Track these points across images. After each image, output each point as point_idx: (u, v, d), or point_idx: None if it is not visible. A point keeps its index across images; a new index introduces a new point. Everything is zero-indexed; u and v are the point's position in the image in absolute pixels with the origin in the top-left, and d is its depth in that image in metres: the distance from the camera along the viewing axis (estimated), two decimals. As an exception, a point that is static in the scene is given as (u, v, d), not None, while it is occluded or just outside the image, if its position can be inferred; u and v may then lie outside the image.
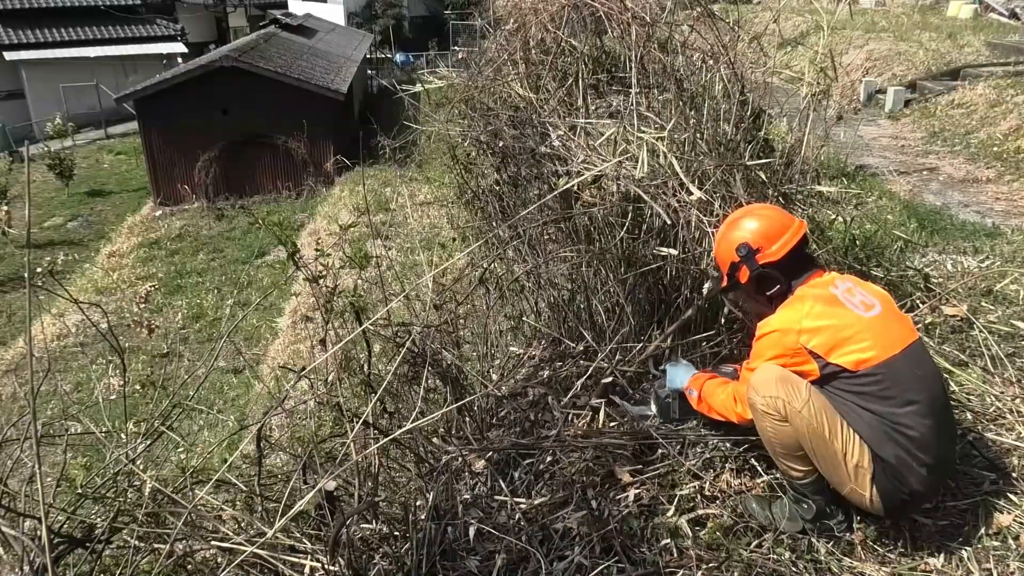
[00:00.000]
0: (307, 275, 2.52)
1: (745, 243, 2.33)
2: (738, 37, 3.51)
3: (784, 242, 2.30)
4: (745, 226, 2.37)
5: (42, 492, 1.60)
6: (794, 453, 2.21)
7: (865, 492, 2.15)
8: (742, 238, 2.34)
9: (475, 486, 2.57)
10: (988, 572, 2.19)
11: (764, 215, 2.40)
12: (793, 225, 2.35)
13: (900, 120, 10.57)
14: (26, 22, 23.83)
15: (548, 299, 3.36)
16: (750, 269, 2.33)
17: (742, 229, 2.37)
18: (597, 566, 2.16)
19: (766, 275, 2.32)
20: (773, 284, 2.33)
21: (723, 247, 2.41)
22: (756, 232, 2.34)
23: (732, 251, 2.36)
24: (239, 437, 3.33)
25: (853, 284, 2.32)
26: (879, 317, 2.21)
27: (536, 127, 3.47)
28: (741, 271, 2.36)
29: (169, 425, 2.40)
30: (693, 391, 2.59)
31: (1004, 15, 15.49)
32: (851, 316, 2.19)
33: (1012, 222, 6.01)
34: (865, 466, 2.12)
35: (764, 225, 2.35)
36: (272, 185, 16.64)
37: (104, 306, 3.97)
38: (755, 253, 2.32)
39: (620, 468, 2.63)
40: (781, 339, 2.21)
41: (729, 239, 2.38)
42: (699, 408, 2.60)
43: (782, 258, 2.30)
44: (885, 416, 2.11)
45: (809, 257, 2.40)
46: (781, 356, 2.21)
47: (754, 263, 2.32)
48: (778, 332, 2.22)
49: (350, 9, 31.22)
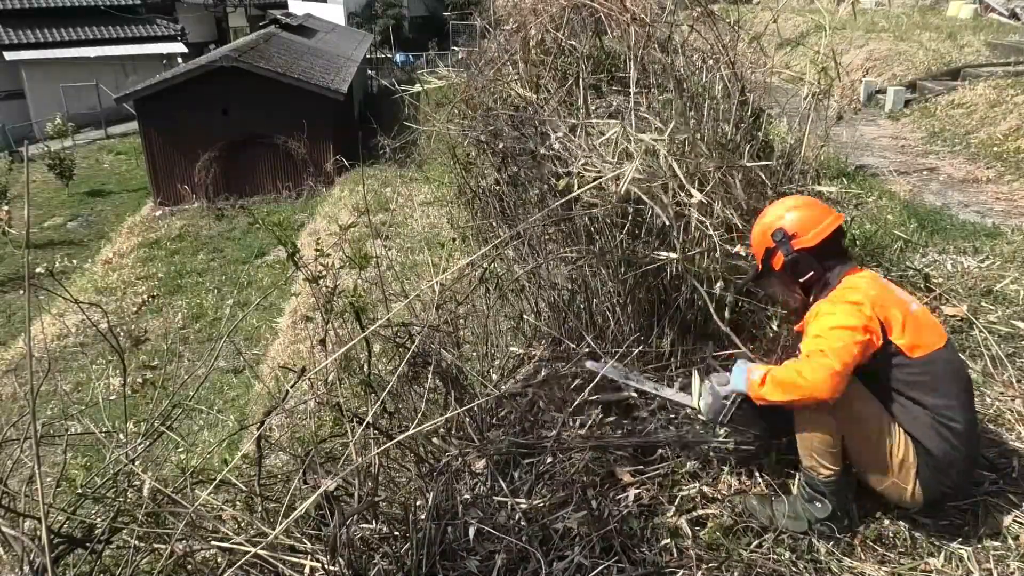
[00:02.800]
0: (307, 275, 2.52)
1: (781, 228, 2.36)
2: (738, 37, 3.51)
3: (820, 230, 2.33)
4: (782, 213, 2.40)
5: (42, 492, 1.60)
6: (829, 449, 2.22)
7: (908, 486, 2.20)
8: (778, 224, 2.38)
9: (475, 486, 2.57)
10: (988, 572, 2.19)
11: (802, 203, 2.45)
12: (831, 215, 2.38)
13: (900, 120, 10.57)
14: (26, 22, 23.81)
15: (548, 299, 3.36)
16: (785, 254, 2.36)
17: (779, 216, 2.40)
18: (597, 566, 2.16)
19: (801, 260, 2.34)
20: (807, 270, 2.35)
21: (759, 233, 2.45)
22: (793, 219, 2.37)
23: (768, 237, 2.39)
24: (239, 437, 3.33)
25: (889, 281, 2.38)
26: (922, 311, 2.28)
27: (536, 128, 3.46)
28: (776, 257, 2.39)
29: (169, 425, 2.40)
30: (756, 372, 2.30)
31: (1004, 15, 15.49)
32: (903, 304, 2.24)
33: (1012, 222, 6.00)
34: (911, 460, 2.18)
35: (801, 213, 2.38)
36: (272, 185, 16.63)
37: (104, 306, 3.97)
38: (791, 239, 2.34)
39: (620, 468, 2.63)
40: (858, 310, 2.16)
41: (766, 225, 2.42)
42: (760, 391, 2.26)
43: (817, 245, 2.32)
44: (932, 408, 2.16)
45: (845, 250, 2.43)
46: (854, 329, 2.12)
47: (789, 248, 2.35)
48: (849, 305, 2.18)
49: (350, 9, 31.22)
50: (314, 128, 15.81)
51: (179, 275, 12.50)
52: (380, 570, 2.08)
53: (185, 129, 15.94)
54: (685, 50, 3.65)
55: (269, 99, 15.86)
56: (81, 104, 22.89)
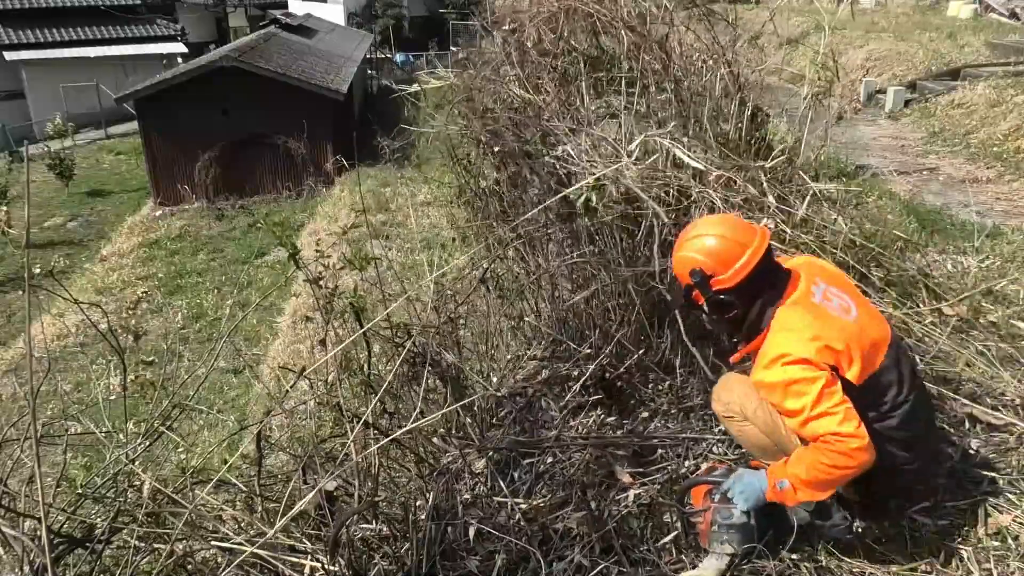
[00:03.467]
0: (307, 276, 2.52)
1: (698, 268, 2.13)
2: (737, 37, 3.51)
3: (739, 268, 2.10)
4: (699, 246, 2.16)
5: (42, 492, 1.60)
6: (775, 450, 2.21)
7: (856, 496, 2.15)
8: (694, 261, 2.14)
9: (475, 486, 2.57)
10: (988, 572, 2.19)
11: (719, 234, 2.16)
12: (752, 244, 2.12)
13: (900, 120, 10.57)
14: (26, 22, 23.80)
15: (548, 299, 3.36)
16: (704, 294, 2.17)
17: (695, 249, 2.16)
18: (597, 566, 2.16)
19: (723, 300, 2.15)
20: (730, 309, 2.16)
21: (678, 267, 2.23)
22: (710, 254, 2.13)
23: (686, 274, 2.17)
24: (239, 437, 3.33)
25: (825, 283, 2.17)
26: (859, 319, 2.11)
27: (535, 130, 3.46)
28: (696, 295, 2.20)
29: (169, 425, 2.39)
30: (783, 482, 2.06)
31: (1004, 15, 15.49)
32: (839, 324, 2.07)
33: (1012, 222, 6.01)
34: None
35: (718, 247, 2.13)
36: (272, 185, 16.62)
37: (104, 306, 3.96)
38: (709, 279, 2.13)
39: (620, 468, 2.63)
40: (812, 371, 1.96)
41: (683, 260, 2.19)
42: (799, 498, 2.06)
43: (739, 283, 2.11)
44: (877, 424, 2.02)
45: (774, 271, 2.18)
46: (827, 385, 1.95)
47: (708, 289, 2.14)
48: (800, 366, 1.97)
49: (350, 9, 31.21)
50: (314, 128, 15.81)
51: (179, 275, 12.49)
52: (380, 570, 2.08)
53: (185, 129, 15.92)
54: (683, 50, 3.65)
55: (269, 99, 15.85)
56: (81, 104, 22.87)
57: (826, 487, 2.01)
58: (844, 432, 1.90)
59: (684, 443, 2.80)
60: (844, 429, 1.91)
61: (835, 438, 1.91)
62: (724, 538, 2.16)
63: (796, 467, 2.03)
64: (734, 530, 2.16)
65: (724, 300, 2.14)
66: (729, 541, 2.16)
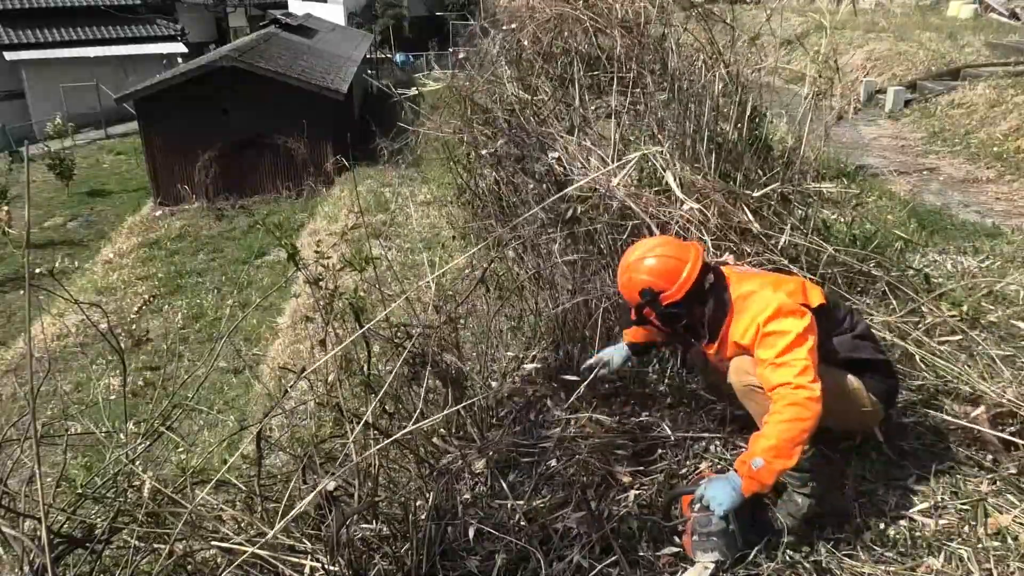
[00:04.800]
0: (307, 277, 2.52)
1: (647, 288, 2.37)
2: (735, 37, 3.51)
3: (683, 280, 2.35)
4: (644, 268, 2.40)
5: (42, 492, 1.60)
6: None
7: (869, 405, 2.39)
8: (642, 283, 2.38)
9: (475, 486, 2.57)
10: (988, 572, 2.19)
11: (659, 254, 2.41)
12: (689, 259, 2.38)
13: (900, 120, 10.57)
14: (26, 22, 23.79)
15: (548, 300, 3.36)
16: (655, 310, 2.40)
17: (642, 271, 2.40)
18: (596, 566, 2.16)
19: (675, 312, 2.39)
20: (684, 317, 2.41)
21: (627, 291, 2.46)
22: (654, 273, 2.38)
23: (636, 295, 2.41)
24: (239, 437, 3.33)
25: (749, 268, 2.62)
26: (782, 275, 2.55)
27: (531, 133, 3.46)
28: (647, 311, 2.43)
29: (169, 425, 2.39)
30: (757, 461, 2.10)
31: (1004, 15, 15.49)
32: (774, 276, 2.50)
33: (1012, 222, 6.01)
34: (858, 386, 2.36)
35: (660, 264, 2.38)
36: (272, 185, 16.61)
37: (104, 306, 3.97)
38: (658, 295, 2.37)
39: (620, 468, 2.63)
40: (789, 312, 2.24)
41: (631, 283, 2.42)
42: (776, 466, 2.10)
43: (685, 294, 2.35)
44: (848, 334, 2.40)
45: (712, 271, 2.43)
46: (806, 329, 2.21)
47: (659, 305, 2.38)
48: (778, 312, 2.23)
49: (350, 9, 31.22)
50: (314, 128, 15.80)
51: (179, 275, 12.48)
52: (380, 570, 2.08)
53: (185, 129, 15.92)
54: (681, 50, 3.65)
55: (269, 99, 15.84)
56: (81, 104, 22.87)
57: (794, 446, 2.10)
58: (801, 383, 2.11)
59: (684, 442, 2.80)
60: (802, 380, 2.11)
61: (795, 389, 2.10)
62: (706, 546, 2.18)
63: (761, 441, 2.12)
64: (715, 537, 2.17)
65: (674, 312, 2.39)
66: (712, 548, 2.17)
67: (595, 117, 3.47)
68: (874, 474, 2.62)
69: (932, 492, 2.50)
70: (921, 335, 3.19)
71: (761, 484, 2.11)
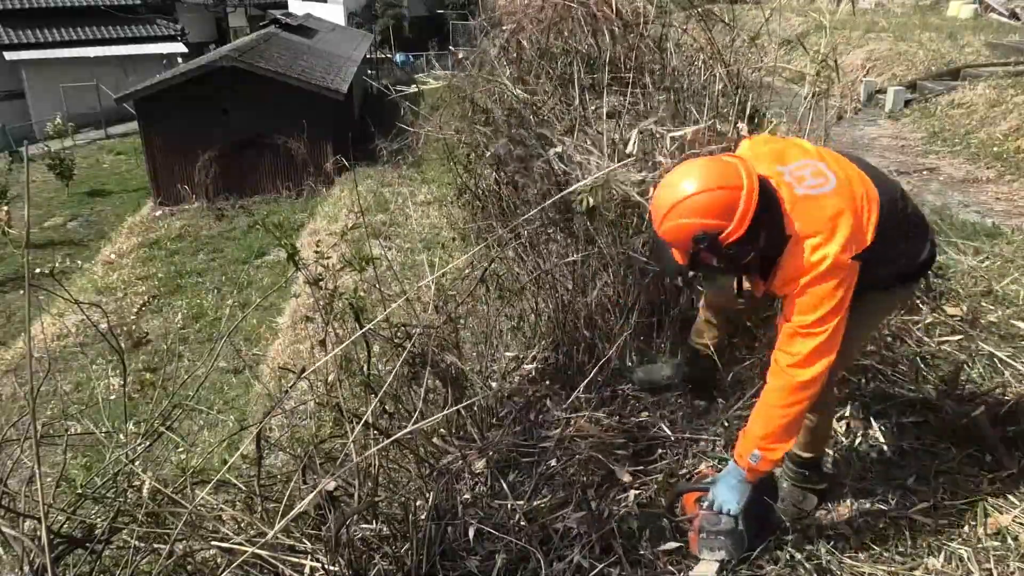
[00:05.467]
0: (307, 277, 2.52)
1: (701, 230, 1.92)
2: (735, 36, 3.51)
3: (743, 213, 1.90)
4: (692, 207, 1.93)
5: (42, 492, 1.60)
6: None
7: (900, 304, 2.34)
8: (694, 226, 1.92)
9: (475, 486, 2.57)
10: (988, 572, 2.19)
11: (706, 188, 1.93)
12: (742, 184, 1.92)
13: (900, 120, 10.57)
14: (26, 22, 23.81)
15: (548, 299, 3.36)
16: (716, 253, 1.96)
17: (690, 213, 1.93)
18: (597, 566, 2.16)
19: (738, 251, 1.96)
20: (748, 254, 1.98)
21: (675, 237, 2.00)
22: (709, 212, 1.91)
23: (688, 241, 1.96)
24: (239, 437, 3.33)
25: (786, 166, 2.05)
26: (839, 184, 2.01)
27: (532, 131, 3.46)
28: (705, 256, 1.98)
29: (169, 425, 2.39)
30: (755, 454, 2.07)
31: (1004, 15, 15.50)
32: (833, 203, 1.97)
33: (1012, 222, 6.01)
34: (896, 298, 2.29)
35: (712, 201, 1.92)
36: (272, 185, 16.62)
37: (104, 306, 3.95)
38: (716, 237, 1.92)
39: (620, 468, 2.63)
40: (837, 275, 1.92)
41: (681, 228, 1.96)
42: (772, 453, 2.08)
43: (750, 225, 1.91)
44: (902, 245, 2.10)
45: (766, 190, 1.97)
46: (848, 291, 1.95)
47: (719, 247, 1.94)
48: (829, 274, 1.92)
49: (350, 9, 31.23)
50: (314, 128, 15.82)
51: (179, 275, 12.49)
52: (380, 570, 2.08)
53: (185, 129, 15.93)
54: (681, 49, 3.65)
55: (269, 99, 15.86)
56: (81, 104, 22.88)
57: (792, 430, 2.06)
58: (808, 361, 1.96)
59: (684, 442, 2.80)
60: (813, 358, 1.96)
61: (793, 369, 1.98)
62: (713, 545, 2.19)
63: (756, 428, 2.08)
64: (723, 536, 2.17)
65: (740, 250, 1.95)
66: (719, 547, 2.18)
67: (595, 117, 3.46)
68: (874, 474, 2.63)
69: (932, 492, 2.50)
70: (921, 335, 3.19)
71: (764, 472, 2.11)
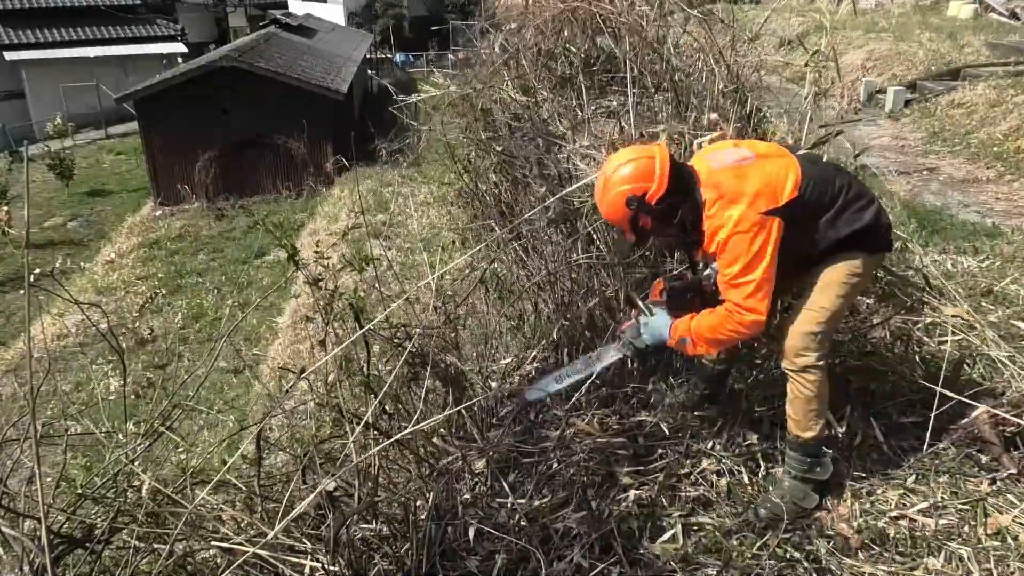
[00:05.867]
0: (307, 277, 2.52)
1: (630, 195, 2.31)
2: (735, 36, 3.51)
3: (660, 172, 2.30)
4: (618, 179, 2.33)
5: (42, 492, 1.60)
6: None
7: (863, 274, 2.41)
8: (624, 192, 2.31)
9: (475, 486, 2.57)
10: (988, 572, 2.19)
11: (626, 160, 2.35)
12: (655, 152, 2.35)
13: (900, 120, 10.57)
14: (26, 22, 23.80)
15: (548, 300, 3.36)
16: (649, 214, 2.32)
17: (618, 183, 2.33)
18: (597, 566, 2.17)
19: (666, 207, 2.31)
20: (676, 210, 2.33)
21: (612, 210, 2.38)
22: (631, 178, 2.31)
23: (624, 208, 2.33)
24: (239, 437, 3.33)
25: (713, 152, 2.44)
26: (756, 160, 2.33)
27: (532, 132, 3.46)
28: (643, 219, 2.35)
29: (169, 425, 2.39)
30: (685, 339, 2.44)
31: (1004, 15, 15.49)
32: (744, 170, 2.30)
33: (1012, 222, 6.01)
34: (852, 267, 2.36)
35: (634, 168, 2.32)
36: (272, 185, 16.61)
37: (104, 306, 3.95)
38: (643, 198, 2.30)
39: (620, 468, 2.63)
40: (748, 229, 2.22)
41: (614, 200, 2.34)
42: (696, 351, 2.47)
43: (668, 185, 2.29)
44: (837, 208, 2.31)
45: (682, 165, 2.40)
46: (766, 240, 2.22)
47: (648, 206, 2.31)
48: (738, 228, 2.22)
49: (350, 9, 31.22)
50: (314, 128, 15.81)
51: (179, 275, 12.48)
52: (380, 570, 2.08)
53: (185, 129, 15.92)
54: (681, 50, 3.65)
55: (269, 99, 15.85)
56: (81, 104, 22.88)
57: (720, 346, 2.47)
58: (746, 306, 2.25)
59: (683, 442, 2.80)
60: (748, 303, 2.24)
61: (738, 309, 2.27)
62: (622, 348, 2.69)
63: (700, 328, 2.38)
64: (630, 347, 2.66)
65: (667, 205, 2.32)
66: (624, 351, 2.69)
67: (595, 117, 3.46)
68: (874, 474, 2.63)
69: (932, 492, 2.50)
70: (921, 335, 3.19)
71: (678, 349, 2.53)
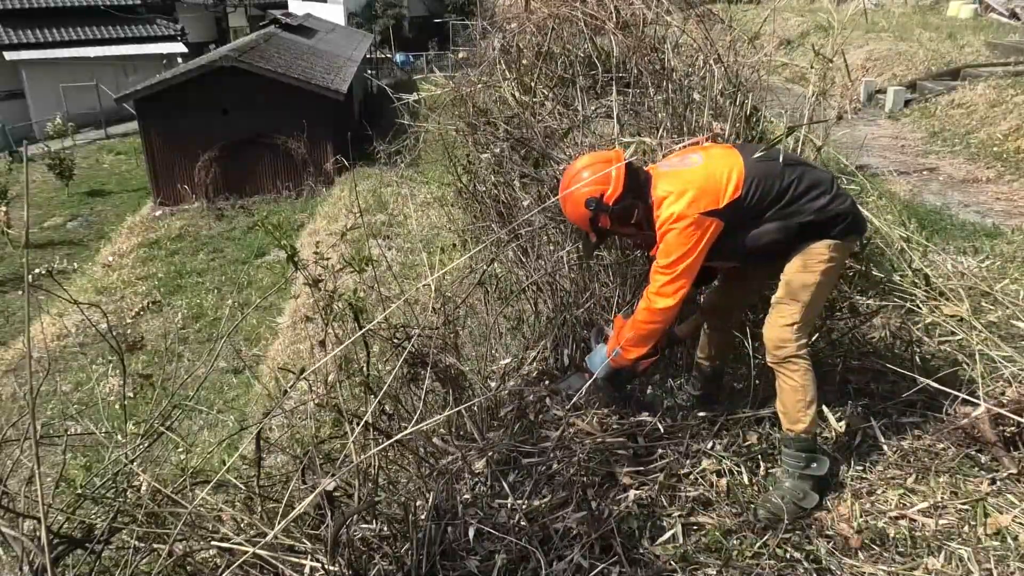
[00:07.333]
0: (307, 278, 2.52)
1: (589, 197, 2.48)
2: (734, 36, 3.51)
3: (616, 175, 2.46)
4: (580, 181, 2.50)
5: (41, 492, 1.60)
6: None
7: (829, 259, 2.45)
8: (584, 195, 2.48)
9: (475, 486, 2.57)
10: (988, 572, 2.19)
11: (585, 166, 2.54)
12: (612, 158, 2.52)
13: (900, 120, 10.57)
14: (26, 22, 23.80)
15: (547, 300, 3.36)
16: (607, 213, 2.49)
17: (579, 187, 2.49)
18: (596, 566, 2.16)
19: (622, 207, 2.47)
20: (632, 210, 2.48)
21: (574, 213, 2.56)
22: (590, 183, 2.48)
23: (584, 210, 2.50)
24: (239, 438, 3.33)
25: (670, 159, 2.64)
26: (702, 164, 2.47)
27: (533, 133, 3.46)
28: (602, 219, 2.51)
29: (169, 425, 2.39)
30: (616, 349, 2.64)
31: (1004, 15, 15.49)
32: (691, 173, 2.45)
33: (1012, 222, 6.01)
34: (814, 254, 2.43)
35: (593, 171, 2.49)
36: (272, 185, 16.62)
37: (104, 306, 3.95)
38: (601, 199, 2.47)
39: (620, 468, 2.63)
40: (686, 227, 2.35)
41: (575, 204, 2.51)
42: (630, 356, 2.62)
43: (624, 186, 2.46)
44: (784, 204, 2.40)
45: (638, 169, 2.57)
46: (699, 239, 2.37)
47: (606, 206, 2.47)
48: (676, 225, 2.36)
49: (350, 9, 31.20)
50: (314, 128, 15.82)
51: (179, 275, 12.49)
52: (380, 570, 2.08)
53: (185, 129, 15.92)
54: (680, 50, 3.65)
55: (269, 99, 15.85)
56: (81, 104, 22.89)
57: (645, 341, 2.57)
58: (660, 292, 2.42)
59: (683, 443, 2.80)
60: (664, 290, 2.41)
61: (651, 297, 2.44)
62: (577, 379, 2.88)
63: (624, 333, 2.59)
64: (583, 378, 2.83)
65: (623, 207, 2.48)
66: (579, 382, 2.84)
67: (594, 117, 3.46)
68: (874, 474, 2.63)
69: (932, 492, 2.50)
70: (921, 335, 3.19)
71: (621, 364, 2.67)
